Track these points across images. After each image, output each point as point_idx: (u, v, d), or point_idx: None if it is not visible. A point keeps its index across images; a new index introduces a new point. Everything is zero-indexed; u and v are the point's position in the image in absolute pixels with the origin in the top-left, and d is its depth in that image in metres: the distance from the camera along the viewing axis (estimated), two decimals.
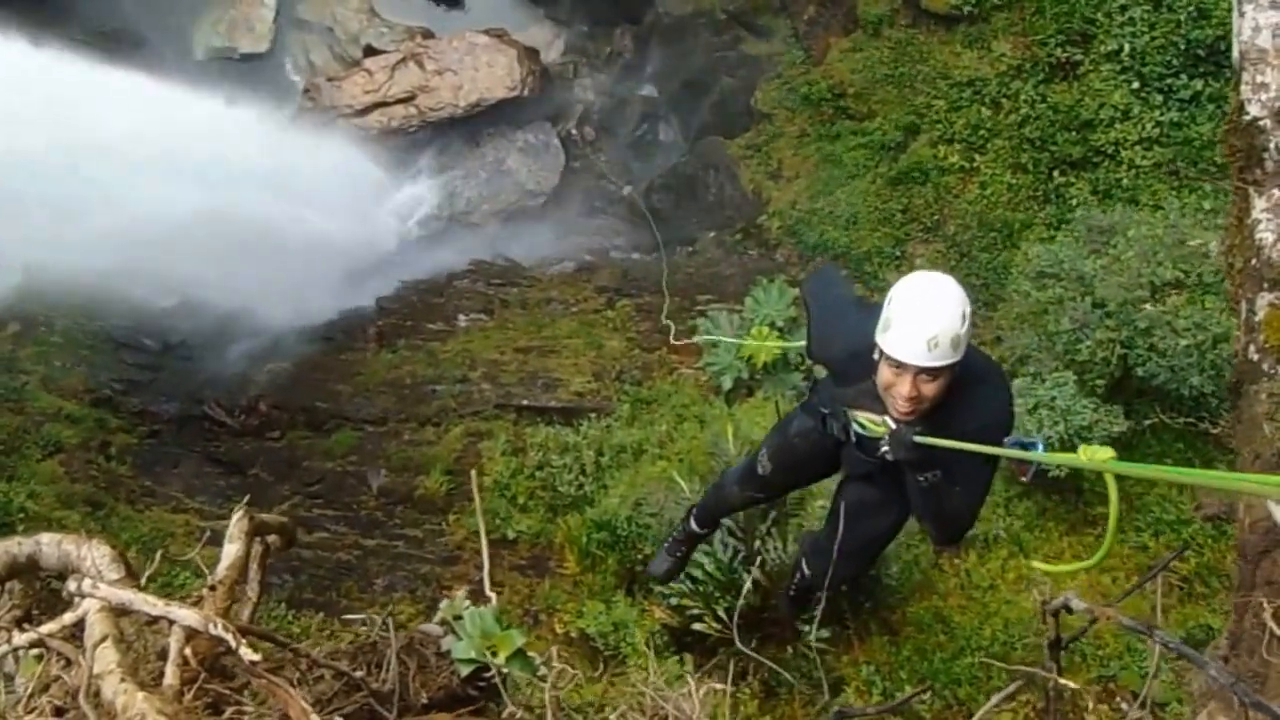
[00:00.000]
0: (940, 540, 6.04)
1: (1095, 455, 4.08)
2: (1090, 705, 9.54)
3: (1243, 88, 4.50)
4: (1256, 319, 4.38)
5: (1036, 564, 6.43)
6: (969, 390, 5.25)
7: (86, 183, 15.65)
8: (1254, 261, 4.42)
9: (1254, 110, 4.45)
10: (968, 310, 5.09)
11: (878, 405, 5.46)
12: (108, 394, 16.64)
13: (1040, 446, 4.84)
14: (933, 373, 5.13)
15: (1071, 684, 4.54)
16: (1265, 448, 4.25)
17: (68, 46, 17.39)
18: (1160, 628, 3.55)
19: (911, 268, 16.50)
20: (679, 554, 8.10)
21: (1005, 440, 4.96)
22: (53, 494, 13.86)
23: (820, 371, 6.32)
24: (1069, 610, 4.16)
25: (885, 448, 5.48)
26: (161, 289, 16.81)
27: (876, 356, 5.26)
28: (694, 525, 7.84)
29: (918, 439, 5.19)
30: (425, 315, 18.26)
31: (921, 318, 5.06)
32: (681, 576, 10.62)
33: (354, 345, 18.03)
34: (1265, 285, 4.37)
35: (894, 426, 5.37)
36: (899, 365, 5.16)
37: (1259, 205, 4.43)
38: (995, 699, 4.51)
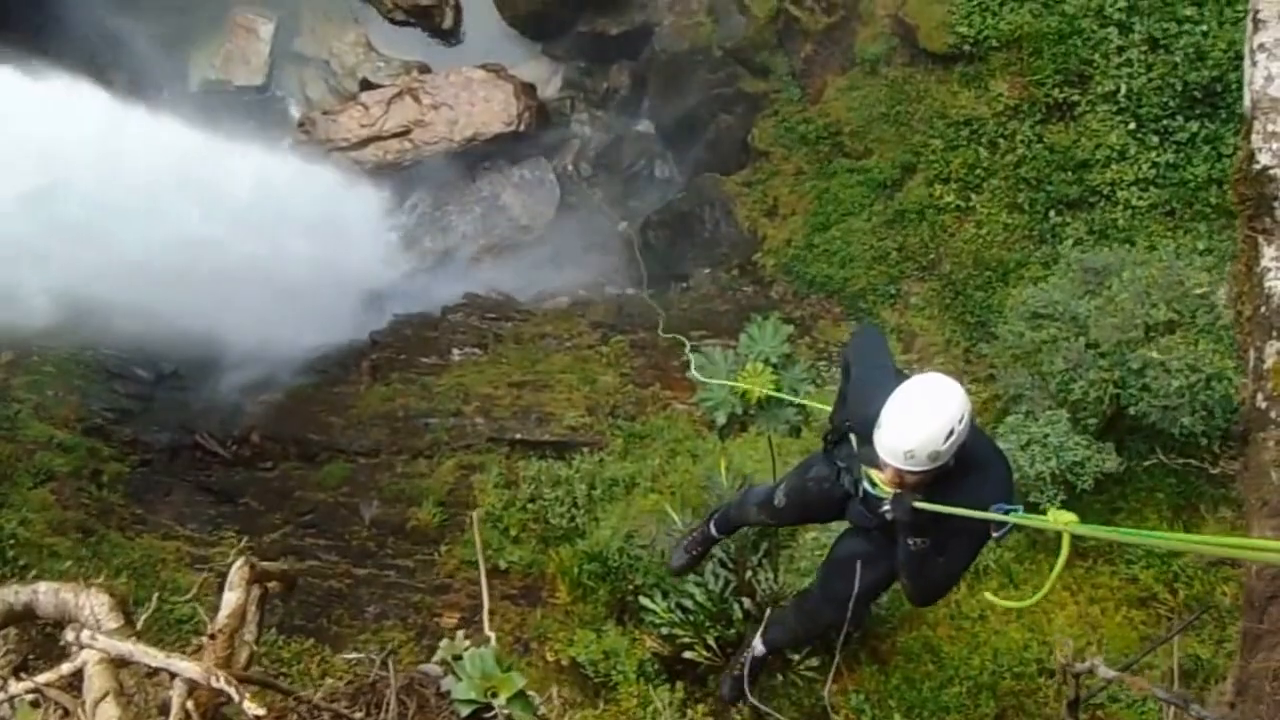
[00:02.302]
0: (914, 600, 6.39)
1: (1060, 518, 4.88)
2: None
3: (1254, 136, 4.48)
4: (1265, 367, 4.35)
5: (987, 595, 6.73)
6: (972, 474, 5.70)
7: (80, 215, 15.63)
8: (1263, 309, 4.39)
9: (1265, 159, 4.43)
10: (959, 427, 5.51)
11: None
12: (100, 423, 16.61)
13: (1020, 509, 5.54)
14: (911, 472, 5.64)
15: None
16: (1273, 495, 4.23)
17: (63, 79, 17.35)
18: (1194, 700, 3.51)
19: (907, 306, 16.52)
20: (695, 552, 8.99)
21: (991, 506, 5.45)
22: (44, 521, 13.83)
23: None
24: (1091, 674, 4.17)
25: (887, 507, 5.95)
26: (154, 320, 16.75)
27: None
28: (713, 530, 8.68)
29: (917, 505, 5.64)
30: (418, 349, 18.22)
31: (903, 431, 5.57)
32: (673, 605, 10.69)
33: (347, 378, 18.01)
34: (1274, 334, 4.34)
35: (900, 490, 5.78)
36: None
37: (1269, 254, 4.41)
38: None
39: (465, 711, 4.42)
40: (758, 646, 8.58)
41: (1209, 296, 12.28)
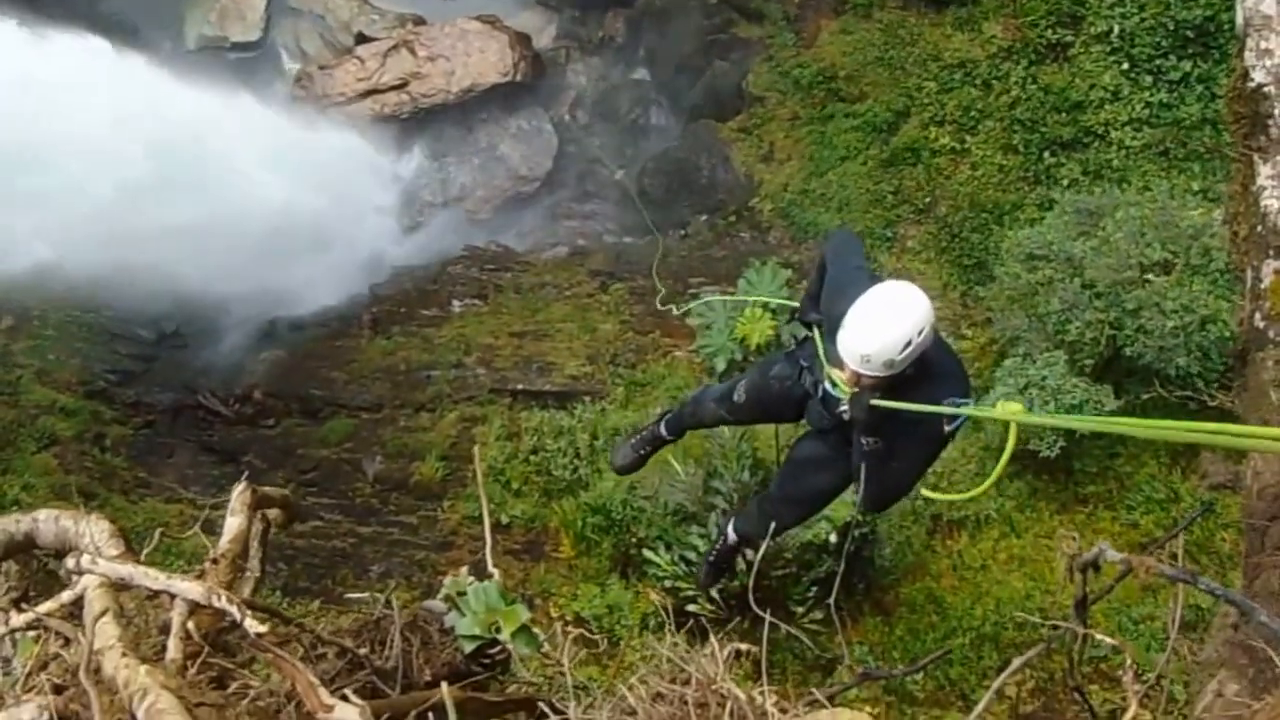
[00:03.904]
0: (866, 504, 6.42)
1: (1008, 409, 5.02)
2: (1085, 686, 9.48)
3: (1246, 54, 4.44)
4: (1262, 286, 4.32)
5: (925, 492, 6.74)
6: (932, 383, 5.68)
7: (76, 172, 15.54)
8: (1259, 228, 4.36)
9: (1258, 77, 4.39)
10: (917, 339, 5.51)
11: None
12: (102, 385, 16.57)
13: (972, 402, 5.73)
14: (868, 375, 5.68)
15: (1108, 638, 4.54)
16: (1272, 414, 4.21)
17: (61, 35, 17.20)
18: (1203, 576, 3.50)
19: (904, 250, 16.47)
20: (642, 452, 8.43)
21: (943, 400, 5.53)
22: (47, 486, 13.79)
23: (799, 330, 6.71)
24: (1096, 568, 4.15)
25: (844, 407, 5.99)
26: (154, 278, 16.67)
27: None
28: (663, 430, 8.17)
29: (874, 402, 5.66)
30: (419, 301, 18.18)
31: (863, 335, 5.59)
32: (676, 558, 10.67)
33: (348, 332, 17.94)
34: (1270, 252, 4.31)
35: (858, 389, 5.79)
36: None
37: (1264, 172, 4.37)
38: (1018, 662, 4.44)
39: (469, 647, 4.41)
40: (729, 535, 8.58)
41: (1202, 236, 12.26)
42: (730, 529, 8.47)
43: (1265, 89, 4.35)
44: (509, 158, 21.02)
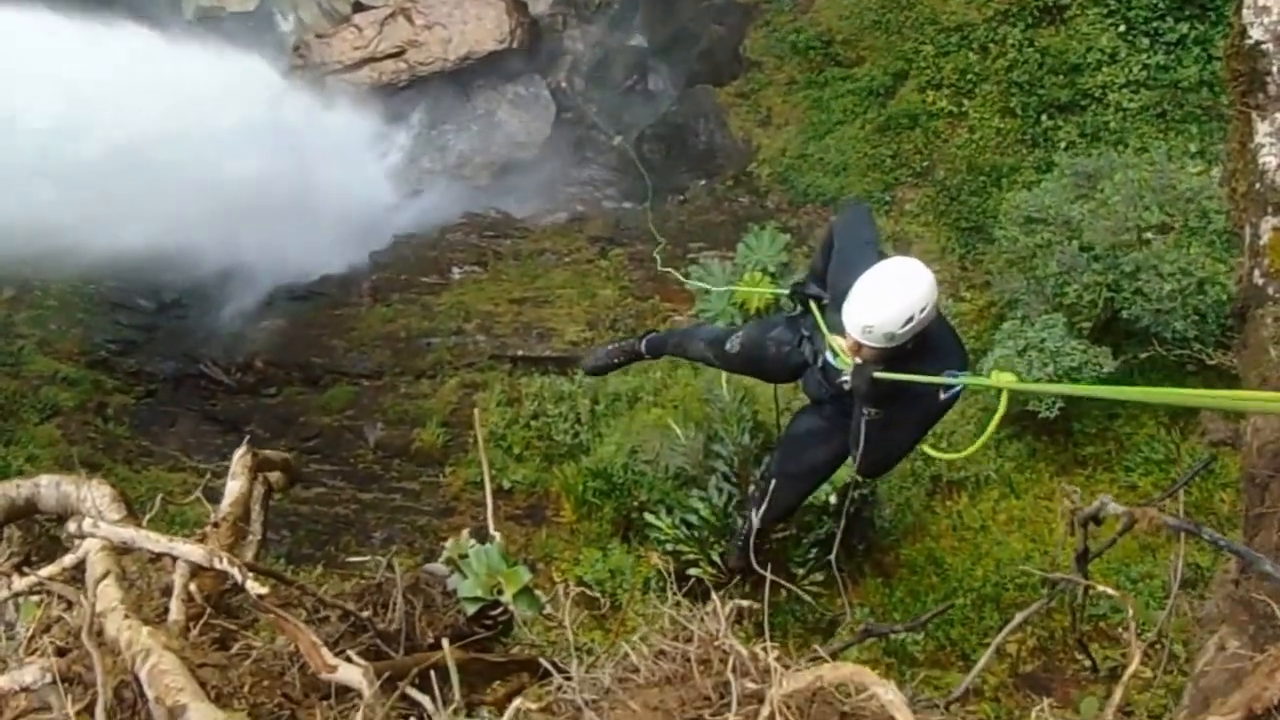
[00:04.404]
0: (862, 470, 6.51)
1: (1000, 378, 5.10)
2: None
3: (1245, 11, 4.40)
4: (1261, 243, 4.30)
5: (925, 448, 6.83)
6: (931, 358, 5.75)
7: (76, 142, 15.51)
8: (1257, 186, 4.33)
9: (1256, 34, 4.35)
10: (919, 315, 5.60)
11: None
12: (104, 355, 16.57)
13: (969, 374, 5.89)
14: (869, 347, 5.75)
15: (1111, 590, 4.53)
16: (1271, 371, 4.18)
17: (60, 5, 17.14)
18: (1207, 528, 3.48)
19: (902, 213, 16.44)
20: (616, 361, 8.55)
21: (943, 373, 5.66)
22: (50, 457, 13.78)
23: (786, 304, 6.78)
24: (1098, 522, 4.15)
25: (846, 377, 6.06)
26: (154, 248, 16.64)
27: None
28: (642, 347, 8.26)
29: (877, 375, 5.74)
30: (419, 269, 18.17)
31: (866, 306, 5.65)
32: (677, 521, 10.66)
33: (348, 300, 17.94)
34: (1269, 209, 4.28)
35: (860, 360, 5.88)
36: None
37: (1262, 129, 4.34)
38: (1020, 616, 4.44)
39: (471, 609, 4.40)
40: (754, 519, 8.66)
41: (1199, 198, 12.23)
42: (754, 516, 8.53)
43: (1263, 46, 4.31)
44: (507, 124, 21.00)
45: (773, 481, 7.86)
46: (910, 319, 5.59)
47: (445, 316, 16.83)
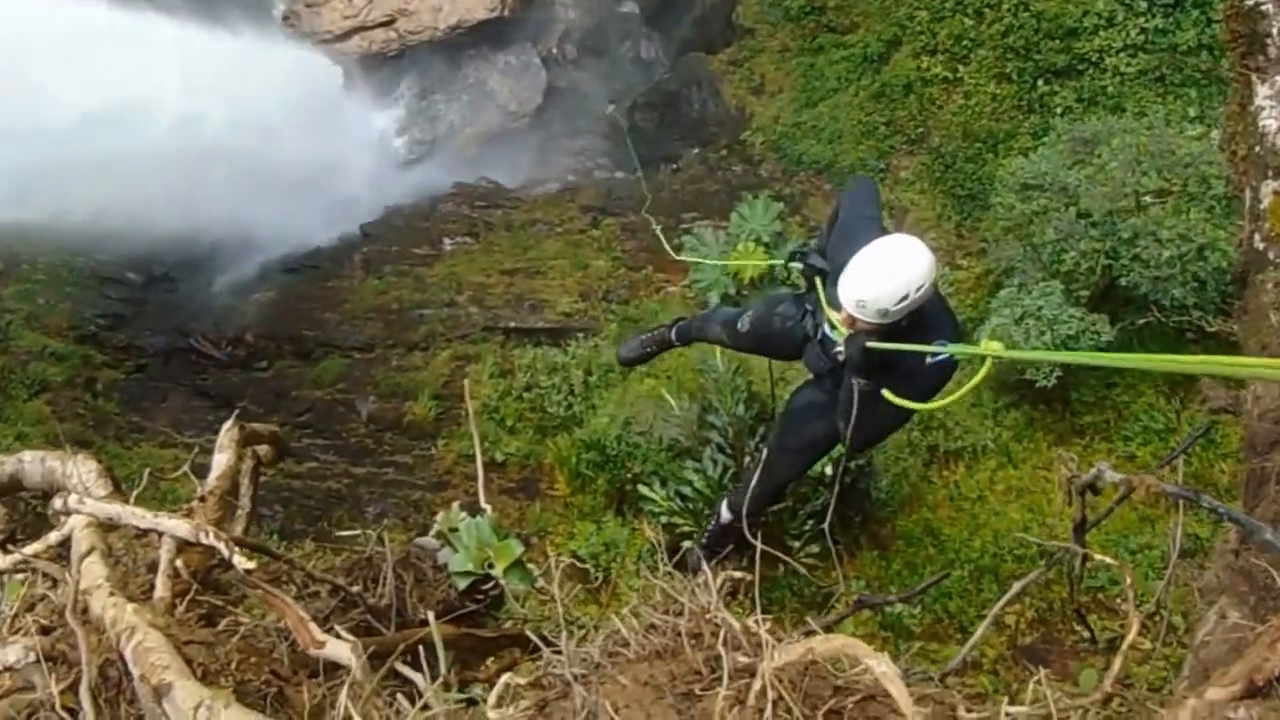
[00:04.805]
0: (850, 444, 6.63)
1: (989, 346, 5.18)
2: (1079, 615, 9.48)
3: None
4: (1261, 207, 4.27)
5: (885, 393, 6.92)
6: (925, 336, 5.86)
7: (61, 113, 15.45)
8: (1257, 149, 4.31)
9: None
10: (914, 294, 5.75)
11: None
12: (92, 330, 16.50)
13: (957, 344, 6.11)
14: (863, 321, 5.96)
15: (1109, 560, 4.54)
16: (1272, 337, 4.17)
17: None
18: (1206, 495, 3.46)
19: (897, 180, 16.41)
20: (649, 350, 9.09)
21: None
22: (40, 435, 13.70)
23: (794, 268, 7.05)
24: (1095, 490, 4.14)
25: (840, 347, 6.27)
26: (143, 220, 16.59)
27: None
28: (673, 335, 8.74)
29: (869, 344, 5.90)
30: (410, 240, 18.14)
31: (861, 281, 5.83)
32: (672, 493, 10.67)
33: (340, 273, 17.91)
34: (1270, 173, 4.26)
35: (854, 331, 6.06)
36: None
37: (1262, 92, 4.32)
38: (1018, 585, 4.43)
39: (463, 584, 4.39)
40: (722, 513, 8.75)
41: (1198, 163, 12.18)
42: (724, 508, 8.64)
43: (1263, 7, 4.28)
44: (498, 94, 20.94)
45: (764, 457, 7.95)
46: (905, 297, 5.72)
47: (437, 288, 16.79)
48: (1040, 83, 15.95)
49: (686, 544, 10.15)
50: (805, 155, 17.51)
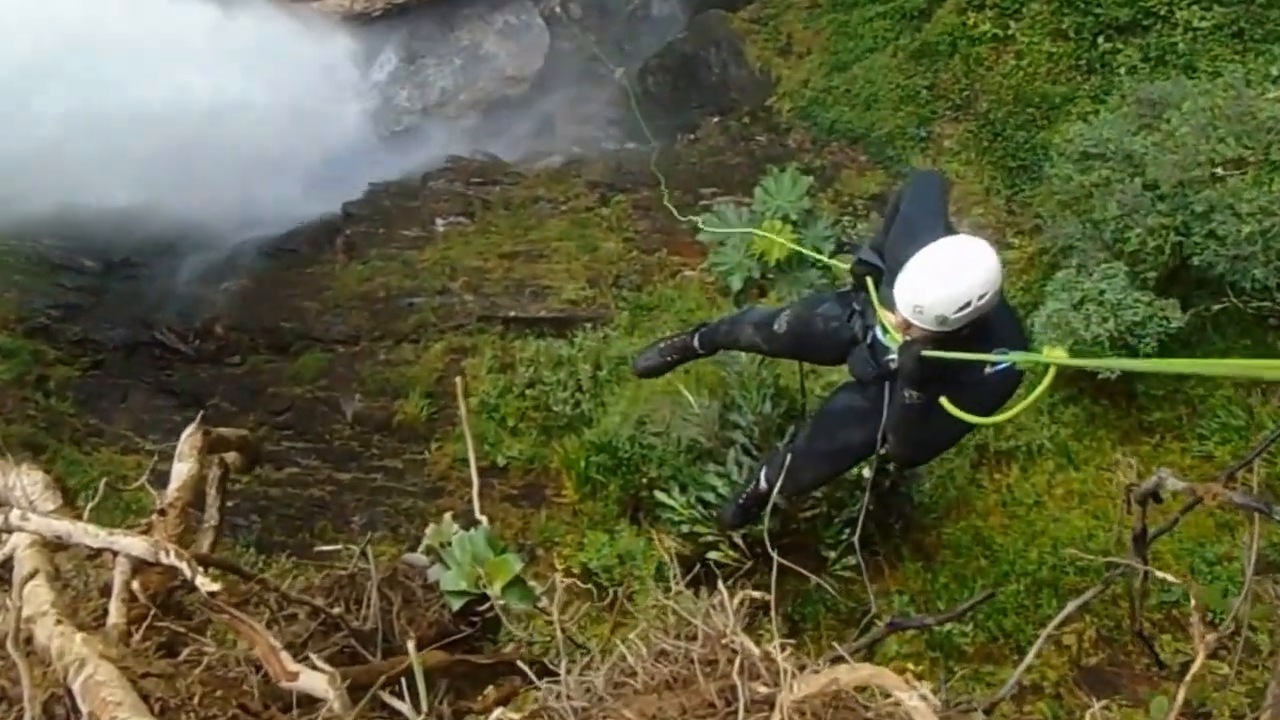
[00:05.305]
0: (896, 456, 7.17)
1: (1051, 354, 5.31)
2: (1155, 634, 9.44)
3: None
4: None
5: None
6: (988, 347, 5.91)
7: (14, 75, 15.47)
8: None
9: None
10: (977, 302, 5.75)
11: None
12: (44, 322, 16.44)
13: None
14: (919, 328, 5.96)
15: (1170, 577, 4.53)
16: None
17: None
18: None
19: (940, 151, 16.34)
20: (669, 359, 9.17)
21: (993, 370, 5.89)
22: None
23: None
24: (1158, 499, 4.12)
25: (893, 356, 6.32)
26: (101, 198, 16.58)
27: None
28: (695, 342, 8.83)
29: (924, 354, 5.93)
30: (398, 221, 18.13)
31: (920, 285, 5.84)
32: (692, 499, 10.67)
33: (320, 257, 17.89)
34: None
35: (909, 338, 6.07)
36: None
37: None
38: (1072, 605, 4.41)
39: (457, 604, 4.38)
40: (761, 480, 8.77)
41: None
42: (763, 476, 8.66)
43: None
44: (495, 57, 20.95)
45: (788, 456, 7.97)
46: (966, 304, 5.72)
47: (429, 274, 16.76)
48: (1101, 39, 15.84)
49: (713, 555, 10.19)
50: (837, 123, 17.46)
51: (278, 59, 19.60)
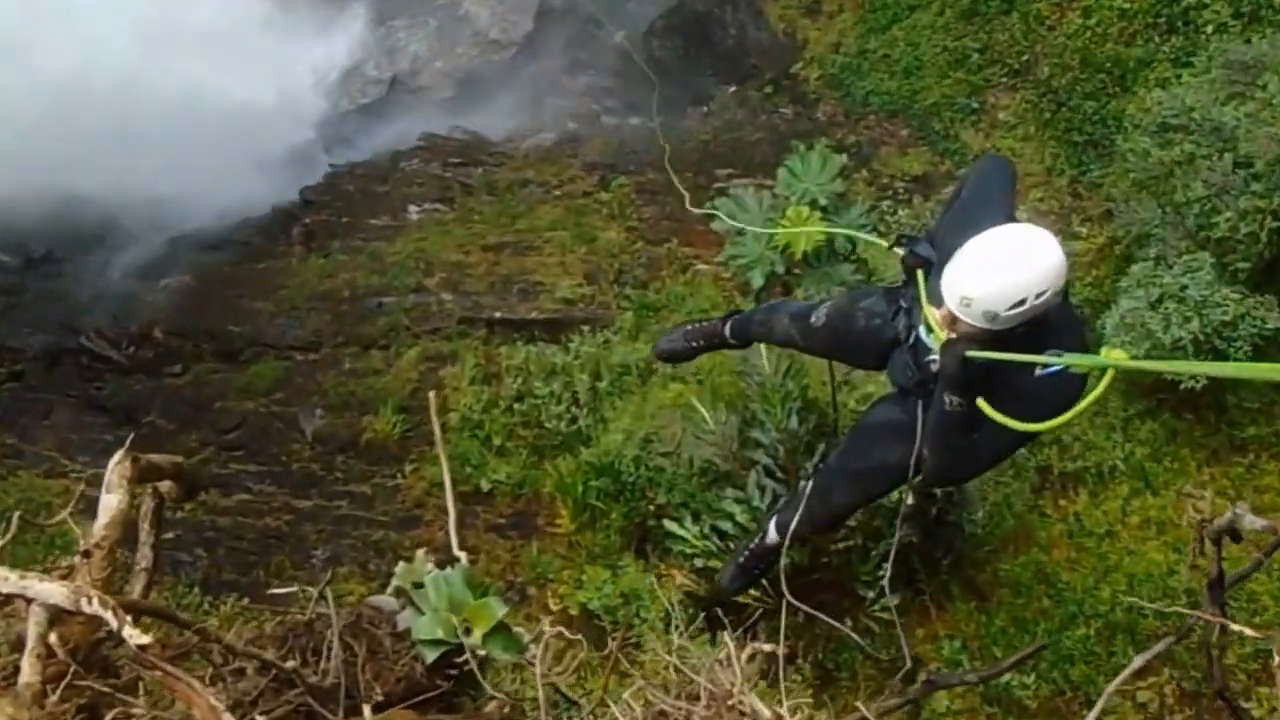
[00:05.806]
0: (930, 474, 6.99)
1: (1111, 354, 5.41)
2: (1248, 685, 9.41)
3: None
4: None
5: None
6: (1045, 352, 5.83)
7: None
8: None
9: None
10: (1033, 301, 5.78)
11: None
12: None
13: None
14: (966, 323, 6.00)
15: (1248, 630, 4.49)
16: None
17: None
18: None
19: (994, 124, 16.34)
20: (696, 344, 9.16)
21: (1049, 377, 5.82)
22: None
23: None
24: (1236, 537, 4.09)
25: (934, 357, 6.32)
26: (18, 188, 16.61)
27: None
28: (726, 330, 8.82)
29: (969, 353, 5.95)
30: (365, 208, 18.16)
31: (969, 275, 5.91)
32: (706, 530, 10.68)
33: (273, 250, 17.93)
34: None
35: (954, 335, 6.10)
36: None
37: None
38: (1138, 660, 4.39)
39: (431, 655, 4.34)
40: (769, 531, 8.74)
41: None
42: (772, 525, 8.65)
43: None
44: (476, 18, 20.99)
45: (814, 480, 7.97)
46: (1022, 301, 5.74)
47: (400, 269, 16.76)
48: None
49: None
50: (874, 93, 17.51)
51: (228, 20, 19.64)
